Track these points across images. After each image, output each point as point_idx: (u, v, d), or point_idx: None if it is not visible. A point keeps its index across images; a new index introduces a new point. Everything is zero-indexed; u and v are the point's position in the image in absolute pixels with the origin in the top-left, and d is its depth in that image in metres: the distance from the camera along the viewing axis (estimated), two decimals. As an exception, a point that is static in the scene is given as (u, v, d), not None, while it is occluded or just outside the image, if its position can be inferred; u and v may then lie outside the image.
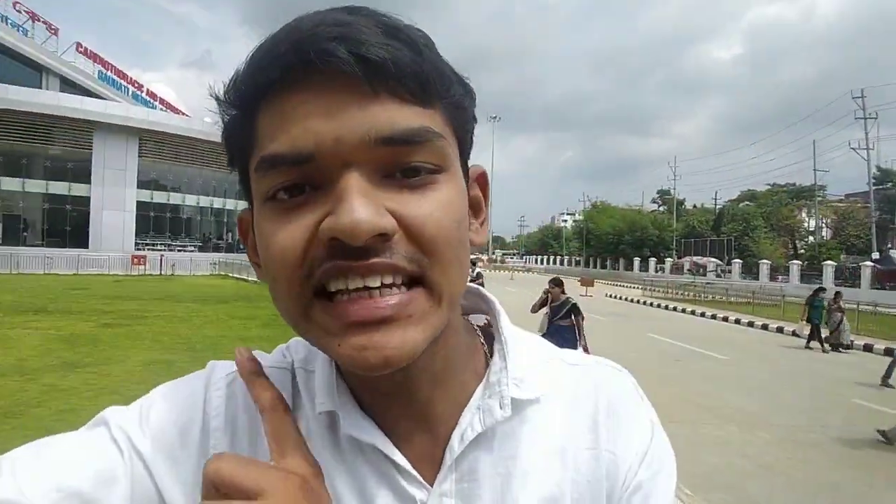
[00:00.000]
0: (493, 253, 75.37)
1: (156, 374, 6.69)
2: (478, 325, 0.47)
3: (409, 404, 0.40)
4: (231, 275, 25.61)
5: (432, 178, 0.35)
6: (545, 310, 6.55)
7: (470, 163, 0.41)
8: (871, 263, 24.68)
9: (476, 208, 0.42)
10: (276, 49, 0.33)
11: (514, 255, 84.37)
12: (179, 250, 30.54)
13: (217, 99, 0.38)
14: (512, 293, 12.75)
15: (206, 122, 32.88)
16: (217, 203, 34.75)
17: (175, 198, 32.21)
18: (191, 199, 32.95)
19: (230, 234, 36.30)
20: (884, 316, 11.31)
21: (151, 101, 41.09)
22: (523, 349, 0.44)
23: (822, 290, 12.28)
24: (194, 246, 32.38)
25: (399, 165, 0.34)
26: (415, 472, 0.39)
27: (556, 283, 6.66)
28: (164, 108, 39.86)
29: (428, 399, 0.40)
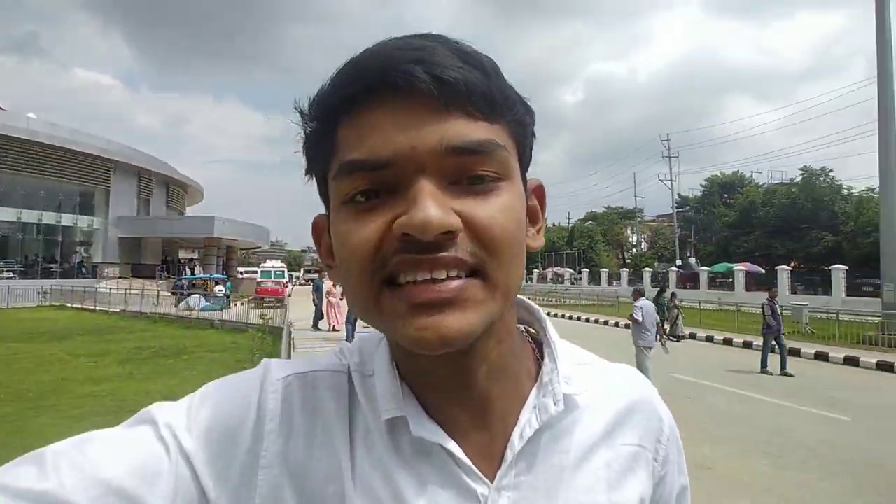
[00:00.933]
0: None
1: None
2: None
3: (468, 400, 0.42)
4: (71, 305, 21.07)
5: (495, 185, 0.38)
6: None
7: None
8: (676, 269, 31.53)
9: (533, 217, 0.45)
10: (360, 68, 0.38)
11: None
12: (-10, 277, 24.19)
13: (301, 112, 0.41)
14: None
15: (31, 119, 26.44)
16: (48, 218, 28.11)
17: (-17, 212, 25.56)
18: (7, 214, 26.29)
19: (74, 256, 29.70)
20: (686, 308, 14.67)
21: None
22: (568, 353, 0.48)
23: (664, 290, 14.63)
24: (14, 272, 25.61)
25: (466, 173, 0.37)
26: (476, 469, 0.41)
27: None
28: (-35, 99, 31.04)
29: (486, 394, 0.43)
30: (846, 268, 22.61)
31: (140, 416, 0.40)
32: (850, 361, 10.26)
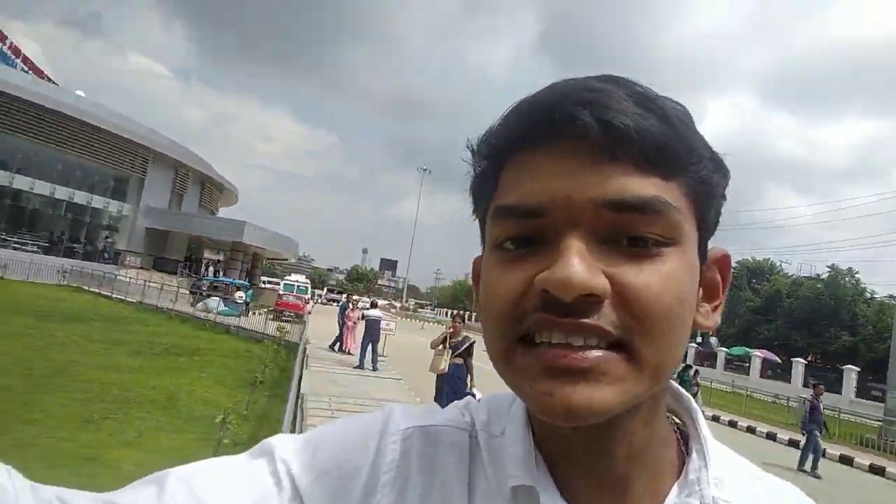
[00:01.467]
0: (407, 301, 75.39)
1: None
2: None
3: (604, 482, 0.39)
4: (87, 288, 21.17)
5: (658, 251, 0.34)
6: (440, 348, 6.66)
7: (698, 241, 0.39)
8: (695, 346, 30.61)
9: (711, 292, 0.41)
10: (527, 109, 0.36)
11: (426, 305, 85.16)
12: (16, 248, 24.37)
13: (472, 150, 0.41)
14: (421, 341, 13.48)
15: (79, 97, 26.98)
16: (79, 198, 28.58)
17: (20, 181, 25.96)
18: (42, 187, 26.85)
19: (101, 239, 29.78)
20: (704, 387, 14.28)
21: (13, 56, 31.60)
22: (720, 454, 0.43)
23: (689, 367, 14.45)
24: (38, 246, 26.15)
25: (625, 232, 0.34)
26: None
27: (460, 317, 6.92)
28: (27, 69, 31.19)
29: (624, 479, 0.39)
30: (858, 369, 22.45)
31: (260, 447, 0.41)
32: (845, 460, 10.36)
